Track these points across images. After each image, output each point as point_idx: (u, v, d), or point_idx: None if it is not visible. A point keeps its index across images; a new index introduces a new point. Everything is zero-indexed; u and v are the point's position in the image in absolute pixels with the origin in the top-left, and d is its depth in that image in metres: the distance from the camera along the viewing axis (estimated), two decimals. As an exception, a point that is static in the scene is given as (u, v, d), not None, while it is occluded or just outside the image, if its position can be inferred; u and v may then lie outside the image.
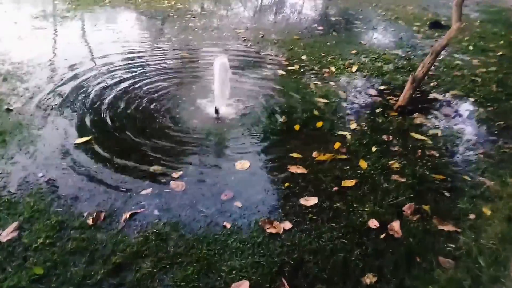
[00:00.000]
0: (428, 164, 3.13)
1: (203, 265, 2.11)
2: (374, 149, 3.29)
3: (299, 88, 4.53)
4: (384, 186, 2.83)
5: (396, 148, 3.34)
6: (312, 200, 2.66)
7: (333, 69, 5.14)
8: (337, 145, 3.32)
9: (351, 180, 2.87)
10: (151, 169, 2.90)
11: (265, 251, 2.22)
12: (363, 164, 3.08)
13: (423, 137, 3.52)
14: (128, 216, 2.41)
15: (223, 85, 3.72)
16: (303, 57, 5.57)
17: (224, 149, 3.28)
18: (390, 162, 3.11)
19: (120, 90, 4.23)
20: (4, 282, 1.93)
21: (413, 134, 3.58)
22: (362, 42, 6.45)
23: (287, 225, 2.43)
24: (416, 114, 3.97)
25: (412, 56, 5.80)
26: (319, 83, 4.67)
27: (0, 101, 3.74)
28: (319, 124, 3.68)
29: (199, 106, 3.94)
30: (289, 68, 5.15)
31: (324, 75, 4.95)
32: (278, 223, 2.44)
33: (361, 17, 8.55)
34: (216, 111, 3.73)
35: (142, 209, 2.49)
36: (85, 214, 2.40)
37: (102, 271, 2.02)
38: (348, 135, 3.50)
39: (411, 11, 9.28)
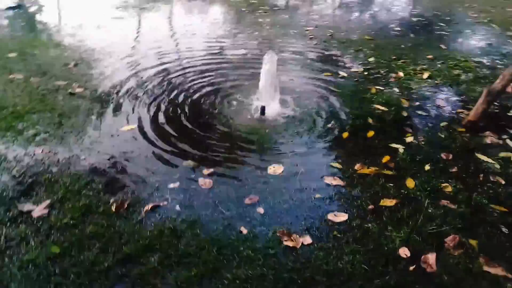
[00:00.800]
0: (490, 192, 2.71)
1: (209, 269, 2.04)
2: (427, 167, 2.94)
3: (358, 92, 4.24)
4: (429, 211, 2.50)
5: (454, 169, 2.95)
6: (341, 217, 2.45)
7: (401, 74, 4.73)
8: (385, 158, 3.03)
9: (391, 200, 2.59)
10: (184, 163, 2.91)
11: (276, 265, 2.09)
12: (410, 183, 2.76)
13: (490, 160, 3.06)
14: (149, 208, 2.44)
15: (270, 84, 3.61)
16: (371, 59, 5.22)
17: (261, 151, 3.18)
18: (442, 185, 2.75)
19: (175, 83, 4.35)
20: (24, 255, 2.06)
21: (479, 155, 3.13)
22: (442, 47, 5.84)
23: (307, 239, 2.26)
24: (487, 132, 3.47)
25: (499, 66, 5.11)
26: (382, 88, 4.32)
27: (67, 85, 4.06)
28: (370, 133, 3.40)
29: (247, 104, 3.87)
30: (352, 70, 4.86)
31: (390, 80, 4.57)
32: (297, 236, 2.28)
33: (447, 18, 7.78)
34: (262, 111, 3.63)
35: (165, 203, 2.50)
36: (111, 201, 2.49)
37: (111, 260, 2.06)
38: (401, 148, 3.17)
39: (511, 13, 8.22)
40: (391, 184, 2.76)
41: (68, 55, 4.97)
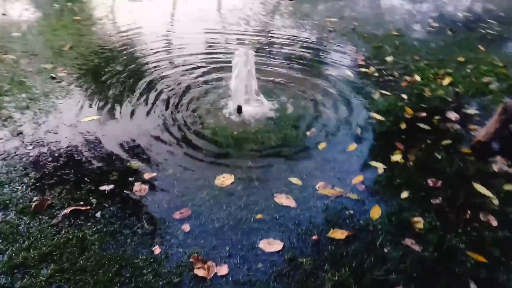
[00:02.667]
0: (472, 235, 2.22)
1: (97, 292, 1.82)
2: (404, 194, 2.49)
3: (357, 96, 3.76)
4: (384, 250, 2.09)
5: (437, 201, 2.46)
6: (275, 245, 2.11)
7: (417, 78, 4.15)
8: (357, 179, 2.61)
9: (342, 231, 2.20)
10: (128, 164, 2.69)
11: (172, 297, 1.82)
12: (375, 212, 2.34)
13: (488, 193, 2.52)
14: (68, 212, 2.26)
15: (248, 80, 3.27)
16: (388, 58, 4.65)
17: (217, 156, 2.86)
18: (415, 219, 2.30)
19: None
20: None
21: (476, 185, 2.59)
22: (480, 48, 5.07)
23: (223, 270, 1.96)
24: (497, 157, 2.89)
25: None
26: (387, 93, 3.80)
27: (52, 68, 3.99)
28: (352, 147, 2.96)
29: (223, 103, 3.55)
30: (362, 69, 4.34)
31: (401, 84, 4.02)
32: (213, 264, 1.98)
33: (502, 15, 6.82)
34: (238, 110, 3.31)
35: (88, 207, 2.30)
36: (34, 199, 2.33)
37: (2, 265, 1.91)
38: (381, 168, 2.73)
39: None
40: (350, 212, 2.35)
41: (67, 38, 4.92)
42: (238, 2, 7.06)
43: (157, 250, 2.05)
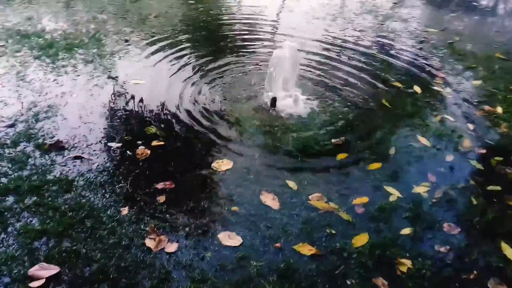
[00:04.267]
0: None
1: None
2: (406, 231, 2.16)
3: (411, 114, 3.33)
4: (347, 283, 1.85)
5: (443, 249, 2.08)
6: (234, 240, 2.02)
7: (499, 109, 3.50)
8: (359, 200, 2.34)
9: (311, 248, 2.00)
10: (147, 129, 2.82)
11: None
12: (359, 240, 2.07)
13: (515, 258, 2.05)
14: (73, 157, 2.47)
15: (289, 74, 3.14)
16: (476, 82, 4.01)
17: (229, 140, 2.82)
18: (400, 260, 1.98)
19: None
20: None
21: (504, 245, 2.12)
22: None
23: (173, 247, 1.95)
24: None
25: None
26: (451, 119, 3.29)
27: (129, 33, 4.36)
28: (374, 166, 2.65)
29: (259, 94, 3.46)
30: (435, 88, 3.83)
31: (474, 113, 3.45)
32: (166, 239, 1.98)
33: None
34: (272, 102, 3.21)
35: (90, 158, 2.49)
36: (52, 139, 2.61)
37: (-3, 187, 2.19)
38: (395, 196, 2.40)
39: None
40: (333, 231, 2.12)
41: (157, 8, 5.27)
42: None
43: (124, 211, 2.13)
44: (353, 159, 2.73)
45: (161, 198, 2.24)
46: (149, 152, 2.59)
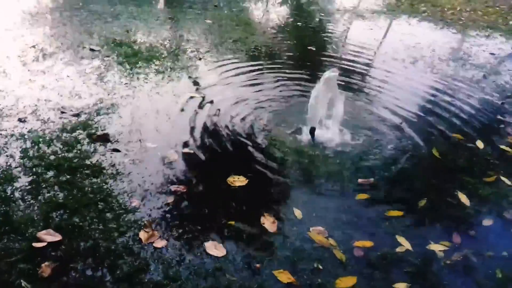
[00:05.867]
0: None
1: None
2: (401, 286, 2.00)
3: (459, 170, 3.04)
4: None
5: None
6: (218, 251, 2.09)
7: None
8: (361, 243, 2.22)
9: (289, 277, 1.97)
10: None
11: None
12: (344, 282, 1.98)
13: None
14: (111, 149, 2.80)
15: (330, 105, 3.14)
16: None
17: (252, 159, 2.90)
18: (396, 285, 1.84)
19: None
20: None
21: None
22: None
23: (161, 244, 2.09)
24: None
25: None
26: (506, 181, 2.91)
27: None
28: (393, 213, 2.49)
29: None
30: (503, 147, 3.42)
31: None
32: (157, 235, 2.13)
33: None
34: (311, 132, 3.22)
35: (124, 152, 2.79)
36: (99, 132, 2.98)
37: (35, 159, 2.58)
38: (405, 247, 2.23)
39: None
40: (319, 266, 2.05)
41: (237, 34, 5.67)
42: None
43: (134, 203, 2.34)
44: (374, 202, 2.61)
45: (170, 199, 2.41)
46: (176, 157, 2.80)
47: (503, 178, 2.95)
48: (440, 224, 2.48)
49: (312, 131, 3.22)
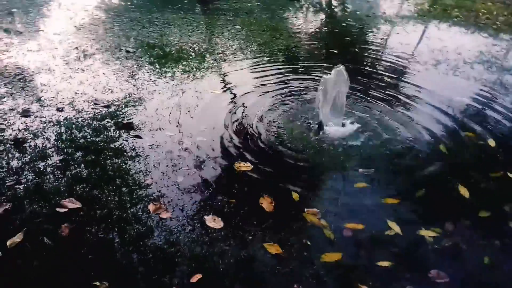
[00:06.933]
0: None
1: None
2: None
3: (464, 165, 3.06)
4: None
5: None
6: (216, 223, 2.30)
7: None
8: (353, 226, 2.36)
9: (276, 248, 2.15)
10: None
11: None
12: None
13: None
14: (134, 135, 3.11)
15: (336, 100, 3.27)
16: None
17: (258, 149, 3.09)
18: None
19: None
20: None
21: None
22: None
23: (167, 215, 2.34)
24: None
25: None
26: (516, 178, 2.92)
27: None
28: (391, 201, 2.59)
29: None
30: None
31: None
32: (164, 208, 2.38)
33: None
34: (319, 127, 3.37)
35: (150, 144, 3.10)
36: (127, 120, 3.32)
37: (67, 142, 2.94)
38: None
39: None
40: (308, 243, 2.21)
41: (264, 38, 5.92)
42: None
43: (147, 181, 2.61)
44: (372, 190, 2.72)
45: (180, 179, 2.66)
46: (190, 144, 3.06)
47: (510, 175, 2.95)
48: (435, 213, 2.55)
49: (320, 124, 3.37)
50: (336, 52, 5.66)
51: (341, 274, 2.04)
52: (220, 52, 5.18)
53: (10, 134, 3.02)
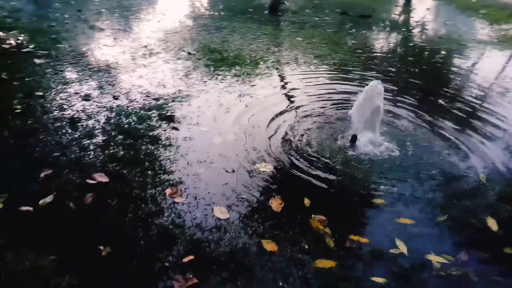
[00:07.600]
0: None
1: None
2: None
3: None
4: None
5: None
6: (222, 215, 2.42)
7: None
8: (358, 238, 2.32)
9: (273, 245, 2.20)
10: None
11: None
12: None
13: None
14: (172, 127, 3.36)
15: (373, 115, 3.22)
16: None
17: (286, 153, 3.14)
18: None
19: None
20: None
21: None
22: None
23: (181, 200, 2.51)
24: None
25: None
26: None
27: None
28: (406, 221, 2.50)
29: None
30: None
31: None
32: (180, 192, 2.56)
33: None
34: (353, 139, 3.34)
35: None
36: (170, 113, 3.59)
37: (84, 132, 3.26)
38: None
39: None
40: (306, 247, 2.23)
41: (322, 50, 5.94)
42: None
43: (172, 167, 2.82)
44: (389, 208, 2.63)
45: (201, 170, 2.83)
46: (220, 141, 3.23)
47: None
48: (452, 240, 2.40)
49: (353, 138, 3.34)
50: (393, 70, 5.51)
51: (330, 282, 2.02)
52: (275, 61, 5.34)
53: (69, 114, 3.44)
